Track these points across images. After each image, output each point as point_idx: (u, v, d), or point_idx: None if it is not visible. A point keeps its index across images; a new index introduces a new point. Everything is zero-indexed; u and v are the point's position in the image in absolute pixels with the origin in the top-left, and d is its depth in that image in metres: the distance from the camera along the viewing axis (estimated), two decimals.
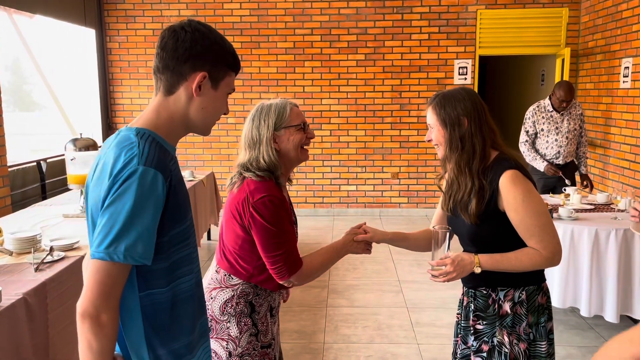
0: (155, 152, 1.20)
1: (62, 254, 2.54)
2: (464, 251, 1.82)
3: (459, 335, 1.92)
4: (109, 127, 6.96)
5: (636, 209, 1.84)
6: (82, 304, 1.15)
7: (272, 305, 1.86)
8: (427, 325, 3.72)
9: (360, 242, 1.88)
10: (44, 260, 2.41)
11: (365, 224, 1.98)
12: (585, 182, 4.83)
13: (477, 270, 1.71)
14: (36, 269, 2.33)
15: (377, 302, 4.17)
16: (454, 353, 1.96)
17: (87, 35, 6.60)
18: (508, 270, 1.73)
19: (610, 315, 3.40)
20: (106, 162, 1.20)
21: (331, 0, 6.63)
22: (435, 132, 1.81)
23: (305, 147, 1.83)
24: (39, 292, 2.17)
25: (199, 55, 1.24)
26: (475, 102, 1.78)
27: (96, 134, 6.71)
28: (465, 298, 1.90)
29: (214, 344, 1.77)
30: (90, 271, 1.16)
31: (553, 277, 3.52)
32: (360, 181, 7.00)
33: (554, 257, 1.71)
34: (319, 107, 6.84)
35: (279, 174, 1.77)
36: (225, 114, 1.36)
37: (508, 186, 1.69)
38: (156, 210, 1.18)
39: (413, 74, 6.73)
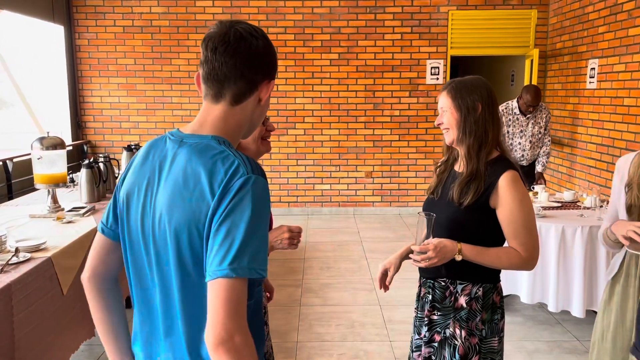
0: (249, 159, 1.13)
1: (28, 255, 2.48)
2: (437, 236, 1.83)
3: (415, 327, 1.97)
4: (77, 126, 6.82)
5: (636, 232, 1.87)
6: (214, 331, 1.02)
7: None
8: (399, 323, 3.76)
9: (285, 238, 1.82)
10: (9, 262, 2.35)
11: (300, 229, 1.89)
12: (540, 181, 4.94)
13: (458, 257, 1.74)
14: (1, 271, 2.27)
15: (351, 300, 4.20)
16: (411, 347, 2.01)
17: (55, 32, 6.45)
18: (485, 264, 1.77)
19: (577, 310, 3.49)
20: (195, 174, 1.10)
21: None
22: (447, 115, 1.83)
23: (266, 139, 1.88)
24: (3, 294, 2.12)
25: (269, 64, 1.21)
26: (490, 91, 1.82)
27: (65, 133, 6.57)
28: (422, 289, 1.94)
29: None
30: (213, 294, 1.04)
31: (522, 273, 3.60)
32: (334, 180, 7.02)
33: (531, 262, 1.77)
34: (292, 106, 6.84)
35: None
36: None
37: (508, 185, 1.73)
38: (268, 218, 1.12)
39: (386, 73, 6.78)
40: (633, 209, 2.01)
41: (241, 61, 1.15)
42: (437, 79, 6.76)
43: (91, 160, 3.83)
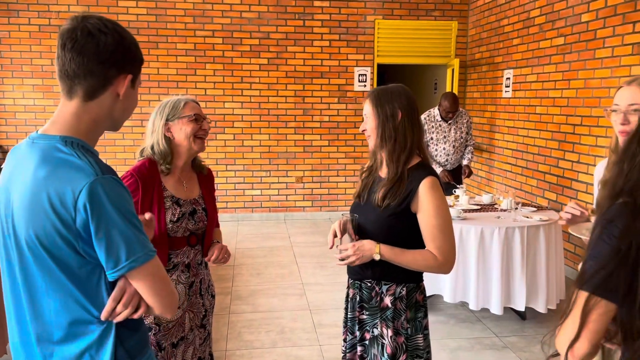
0: (96, 159, 1.17)
1: None
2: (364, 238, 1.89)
3: (347, 327, 2.02)
4: None
5: (568, 212, 1.92)
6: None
7: None
8: (328, 326, 3.79)
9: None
10: None
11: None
12: (466, 171, 5.25)
13: (376, 257, 1.81)
14: None
15: (281, 305, 4.19)
16: (345, 348, 2.05)
17: None
18: (403, 264, 1.83)
19: (495, 307, 3.67)
20: (44, 193, 1.12)
21: (232, 3, 6.57)
22: (370, 122, 1.89)
23: (201, 136, 1.96)
24: None
25: (123, 59, 1.21)
26: (410, 99, 1.89)
27: None
28: (351, 290, 2.00)
29: None
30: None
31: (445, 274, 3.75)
32: (264, 185, 6.99)
33: (446, 265, 1.84)
34: (221, 111, 6.74)
35: (169, 160, 1.94)
36: (135, 107, 1.36)
37: (428, 191, 1.80)
38: (130, 205, 1.18)
39: (315, 79, 6.85)
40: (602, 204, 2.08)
41: (89, 58, 1.16)
42: (365, 86, 6.91)
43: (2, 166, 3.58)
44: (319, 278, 4.80)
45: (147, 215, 1.54)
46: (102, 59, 1.17)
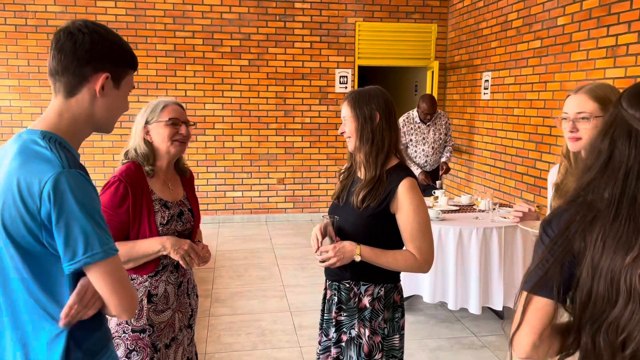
0: (67, 154, 1.21)
1: None
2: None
3: (322, 329, 2.02)
4: None
5: (518, 210, 2.04)
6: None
7: (151, 291, 1.93)
8: (309, 328, 3.79)
9: (183, 249, 1.86)
10: None
11: (204, 254, 1.97)
12: (444, 167, 5.31)
13: (357, 258, 1.82)
14: None
15: (261, 308, 4.18)
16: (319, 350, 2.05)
17: None
18: (383, 265, 1.85)
19: (474, 307, 3.71)
20: (15, 182, 1.16)
21: (213, 4, 6.54)
22: (348, 124, 1.91)
23: (179, 140, 1.96)
24: None
25: (100, 57, 1.26)
26: (388, 101, 1.91)
27: None
28: (328, 292, 2.01)
29: None
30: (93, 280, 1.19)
31: (424, 274, 3.78)
32: (246, 187, 6.96)
33: (426, 264, 1.87)
34: (202, 112, 6.71)
35: (152, 162, 1.95)
36: (125, 111, 1.39)
37: (406, 192, 1.83)
38: (93, 198, 1.20)
39: (296, 81, 6.85)
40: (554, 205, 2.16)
41: (65, 55, 1.23)
42: (346, 87, 6.94)
43: None
44: (300, 280, 4.80)
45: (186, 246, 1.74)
46: (77, 57, 1.23)
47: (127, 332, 1.91)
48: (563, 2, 4.57)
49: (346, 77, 6.91)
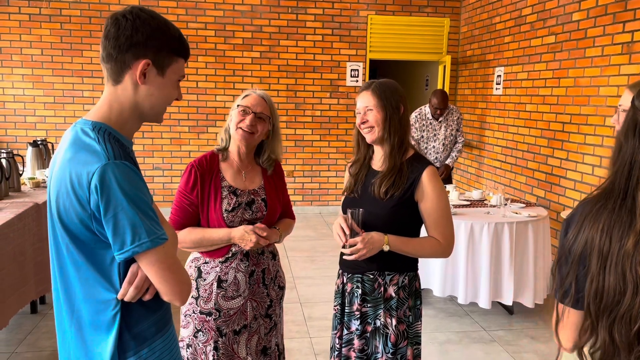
0: (115, 145, 1.21)
1: None
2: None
3: (343, 323, 2.01)
4: None
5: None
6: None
7: (221, 277, 1.98)
8: (319, 319, 3.82)
9: (252, 240, 1.91)
10: None
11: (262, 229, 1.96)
12: (444, 171, 5.22)
13: (386, 248, 1.84)
14: None
15: None
16: (333, 347, 2.05)
17: None
18: (410, 253, 1.88)
19: (484, 302, 3.72)
20: (68, 175, 1.19)
21: None
22: (373, 114, 1.90)
23: (242, 128, 1.98)
24: None
25: (141, 43, 1.23)
26: (404, 94, 1.95)
27: None
28: (349, 285, 1.99)
29: None
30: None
31: (435, 268, 3.79)
32: None
33: (449, 248, 1.92)
34: (213, 104, 6.73)
35: (226, 145, 2.07)
36: (177, 99, 1.36)
37: (430, 180, 1.86)
38: (140, 189, 1.21)
39: (307, 74, 6.85)
40: None
41: (109, 42, 1.24)
42: (357, 81, 6.93)
43: None
44: (310, 272, 4.82)
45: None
46: (119, 43, 1.23)
47: (195, 312, 1.98)
48: None
49: (357, 70, 6.90)
